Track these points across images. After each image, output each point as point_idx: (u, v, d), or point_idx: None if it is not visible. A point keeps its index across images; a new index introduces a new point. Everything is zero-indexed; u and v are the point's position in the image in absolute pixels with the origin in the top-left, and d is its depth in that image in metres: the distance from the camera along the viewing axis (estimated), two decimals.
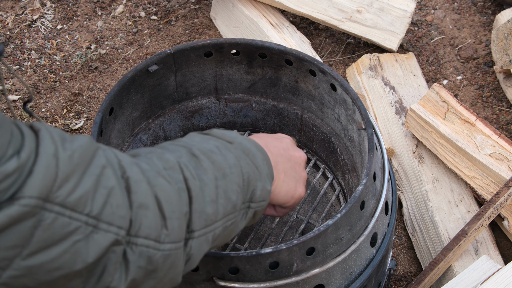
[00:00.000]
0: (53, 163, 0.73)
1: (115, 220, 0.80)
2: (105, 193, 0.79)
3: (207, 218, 0.93)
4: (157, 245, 0.85)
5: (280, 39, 2.21)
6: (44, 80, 2.32)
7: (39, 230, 0.73)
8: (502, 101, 2.22)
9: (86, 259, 0.78)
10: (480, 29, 2.44)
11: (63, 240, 0.75)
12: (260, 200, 1.04)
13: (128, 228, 0.81)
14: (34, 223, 0.72)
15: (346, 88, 1.46)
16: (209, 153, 0.97)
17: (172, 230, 0.87)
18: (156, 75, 1.56)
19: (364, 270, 1.36)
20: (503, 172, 1.75)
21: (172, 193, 0.88)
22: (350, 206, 1.25)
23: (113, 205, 0.79)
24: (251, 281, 1.23)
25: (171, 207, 0.87)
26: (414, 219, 1.90)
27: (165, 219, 0.86)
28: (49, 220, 0.73)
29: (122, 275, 0.83)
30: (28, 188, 0.71)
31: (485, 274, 1.59)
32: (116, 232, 0.80)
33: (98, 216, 0.78)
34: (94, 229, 0.78)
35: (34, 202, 0.72)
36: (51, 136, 0.75)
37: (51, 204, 0.73)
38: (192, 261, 0.94)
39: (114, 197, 0.80)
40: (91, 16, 2.52)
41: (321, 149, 1.70)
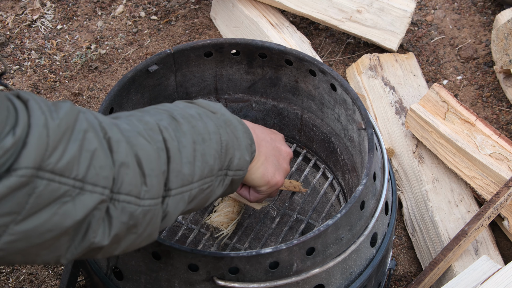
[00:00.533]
0: (44, 133, 0.77)
1: (99, 181, 0.83)
2: (89, 156, 0.83)
3: (184, 178, 0.97)
4: (138, 201, 0.89)
5: (280, 39, 2.21)
6: (44, 80, 2.32)
7: (33, 197, 0.77)
8: (502, 101, 2.22)
9: (74, 218, 0.82)
10: (480, 29, 2.44)
11: (52, 203, 0.79)
12: (238, 169, 1.09)
13: (111, 187, 0.85)
14: (29, 191, 0.76)
15: (346, 88, 1.46)
16: (189, 118, 1.02)
17: (151, 187, 0.91)
18: (156, 75, 1.56)
19: (364, 270, 1.36)
20: (503, 172, 1.75)
21: (152, 152, 0.92)
22: (350, 206, 1.25)
23: (96, 167, 0.83)
24: (251, 281, 1.23)
25: (150, 165, 0.91)
26: (414, 219, 1.90)
27: (145, 176, 0.90)
28: (42, 187, 0.77)
29: (105, 230, 0.87)
30: (23, 159, 0.75)
31: (485, 274, 1.59)
32: (101, 192, 0.84)
33: (83, 179, 0.82)
34: (81, 191, 0.82)
35: (30, 172, 0.75)
36: (39, 107, 0.79)
37: (43, 171, 0.77)
38: (168, 218, 0.97)
39: (97, 159, 0.84)
40: (91, 16, 2.52)
41: (321, 149, 1.70)
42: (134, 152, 0.90)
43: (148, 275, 1.26)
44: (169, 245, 1.20)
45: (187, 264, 1.21)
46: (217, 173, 1.04)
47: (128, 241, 0.93)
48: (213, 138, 1.04)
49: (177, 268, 1.23)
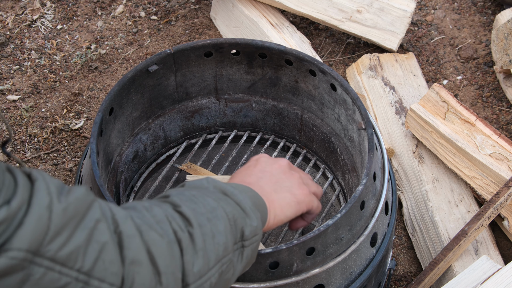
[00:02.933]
0: (45, 216, 0.71)
1: (107, 277, 0.77)
2: (98, 248, 0.76)
3: (200, 269, 0.89)
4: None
5: (280, 39, 2.21)
6: (44, 80, 2.32)
7: (27, 285, 0.70)
8: (502, 101, 2.22)
9: None
10: (480, 29, 2.44)
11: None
12: (253, 236, 1.00)
13: (120, 285, 0.79)
14: (23, 278, 0.70)
15: (346, 88, 1.46)
16: (188, 203, 0.94)
17: (167, 286, 0.84)
18: (156, 75, 1.56)
19: (364, 270, 1.36)
20: (503, 172, 1.75)
21: (165, 247, 0.85)
22: (350, 206, 1.25)
23: (105, 261, 0.77)
24: (251, 281, 1.23)
25: (165, 261, 0.84)
26: (414, 219, 1.90)
27: (160, 274, 0.83)
28: (38, 275, 0.71)
29: None
30: (17, 240, 0.68)
31: (485, 274, 1.59)
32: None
33: (90, 272, 0.75)
34: (85, 285, 0.75)
35: (22, 255, 0.69)
36: (47, 187, 0.73)
37: (41, 258, 0.70)
38: None
39: (107, 252, 0.77)
40: (91, 16, 2.52)
41: (321, 149, 1.70)
42: (146, 248, 0.83)
43: None
44: None
45: None
46: (232, 248, 0.96)
47: None
48: (217, 214, 0.95)
49: None
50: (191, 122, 1.72)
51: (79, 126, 2.19)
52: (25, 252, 0.69)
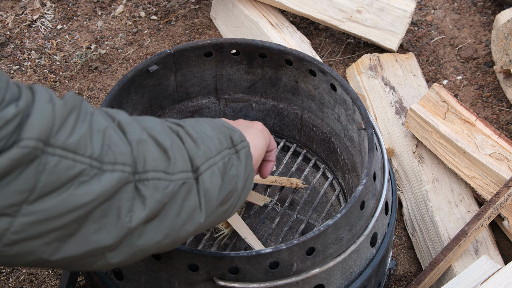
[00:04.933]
0: (49, 108, 0.75)
1: (117, 158, 0.81)
2: (100, 136, 0.80)
3: (204, 152, 0.95)
4: (168, 176, 0.87)
5: (280, 39, 2.21)
6: (44, 80, 2.32)
7: (44, 174, 0.74)
8: (502, 101, 2.22)
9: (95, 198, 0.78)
10: (480, 29, 2.44)
11: (69, 183, 0.76)
12: (241, 141, 1.06)
13: (134, 165, 0.83)
14: (38, 167, 0.73)
15: (346, 88, 1.46)
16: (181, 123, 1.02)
17: (175, 160, 0.89)
18: (156, 75, 1.56)
19: (364, 270, 1.36)
20: (503, 172, 1.75)
21: (164, 130, 0.91)
22: (350, 206, 1.25)
23: (110, 144, 0.81)
24: (251, 281, 1.23)
25: (167, 140, 0.89)
26: (414, 219, 1.90)
27: (166, 151, 0.88)
28: (53, 163, 0.74)
29: (140, 212, 0.84)
30: (26, 131, 0.72)
31: (485, 274, 1.59)
32: (121, 169, 0.81)
33: (100, 158, 0.79)
34: (99, 171, 0.79)
35: (33, 143, 0.72)
36: (44, 88, 0.78)
37: (52, 147, 0.74)
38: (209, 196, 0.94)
39: (109, 137, 0.81)
40: (91, 16, 2.52)
41: (321, 149, 1.70)
42: (147, 132, 0.88)
43: (148, 275, 1.26)
44: None
45: (187, 264, 1.21)
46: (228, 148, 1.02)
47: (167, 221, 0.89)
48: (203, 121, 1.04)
49: (177, 268, 1.23)
50: None
51: None
52: (35, 140, 0.72)
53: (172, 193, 0.87)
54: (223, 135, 1.03)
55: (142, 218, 0.84)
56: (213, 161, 0.96)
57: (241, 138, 1.07)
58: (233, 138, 1.05)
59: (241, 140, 1.07)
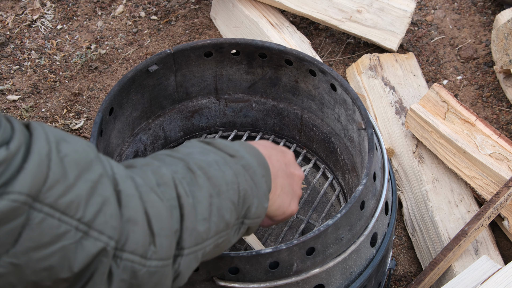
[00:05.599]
0: (45, 163, 0.73)
1: (106, 230, 0.79)
2: (100, 201, 0.78)
3: (198, 236, 0.91)
4: (143, 261, 0.84)
5: (280, 39, 2.21)
6: (44, 80, 2.32)
7: (27, 229, 0.72)
8: (502, 101, 2.22)
9: (73, 264, 0.77)
10: (480, 29, 2.44)
11: (52, 243, 0.75)
12: (255, 217, 1.02)
13: (117, 241, 0.81)
14: (23, 222, 0.72)
15: (346, 88, 1.46)
16: (206, 168, 0.95)
17: (160, 247, 0.86)
18: (156, 75, 1.56)
19: (364, 270, 1.36)
20: (503, 172, 1.75)
21: (163, 210, 0.87)
22: (350, 206, 1.25)
23: (106, 214, 0.79)
24: (251, 281, 1.23)
25: (160, 224, 0.86)
26: (414, 219, 1.90)
27: (154, 236, 0.85)
28: (37, 220, 0.72)
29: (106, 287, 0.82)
30: (18, 184, 0.70)
31: (485, 274, 1.59)
32: (106, 241, 0.79)
33: (90, 223, 0.77)
34: (84, 235, 0.77)
35: (23, 198, 0.71)
36: (46, 137, 0.75)
37: (40, 204, 0.73)
38: (180, 278, 0.93)
39: (109, 206, 0.79)
40: (91, 16, 2.52)
41: (321, 149, 1.70)
42: (144, 209, 0.84)
43: None
44: None
45: None
46: (233, 223, 0.98)
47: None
48: (231, 188, 0.97)
49: None
50: (191, 122, 1.72)
51: (79, 126, 2.19)
52: (25, 196, 0.71)
53: (142, 278, 0.85)
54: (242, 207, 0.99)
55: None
56: (203, 246, 0.93)
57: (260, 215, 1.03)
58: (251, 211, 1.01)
59: (257, 216, 1.02)
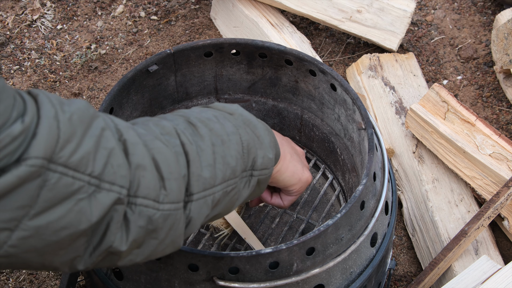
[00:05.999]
0: (54, 125, 0.76)
1: (116, 180, 0.82)
2: (106, 154, 0.81)
3: (205, 181, 0.94)
4: (156, 205, 0.87)
5: (280, 39, 2.21)
6: (44, 80, 2.32)
7: (44, 190, 0.75)
8: (502, 101, 2.22)
9: (90, 218, 0.80)
10: (480, 29, 2.44)
11: (67, 199, 0.77)
12: (262, 168, 1.05)
13: (128, 188, 0.84)
14: (40, 183, 0.74)
15: (346, 88, 1.46)
16: (206, 121, 0.99)
17: (170, 191, 0.88)
18: (156, 75, 1.56)
19: (364, 270, 1.36)
20: (503, 172, 1.75)
21: (170, 155, 0.90)
22: (350, 206, 1.25)
23: (114, 165, 0.81)
24: (251, 281, 1.23)
25: (169, 168, 0.89)
26: (414, 219, 1.90)
27: (163, 180, 0.88)
28: (54, 180, 0.75)
29: (123, 235, 0.85)
30: (33, 149, 0.73)
31: (485, 274, 1.59)
32: (118, 191, 0.82)
33: (100, 176, 0.80)
34: (97, 188, 0.80)
35: (40, 162, 0.73)
36: (49, 100, 0.77)
37: (55, 164, 0.75)
38: (192, 224, 0.95)
39: (115, 157, 0.82)
40: (91, 16, 2.52)
41: (321, 149, 1.70)
42: (151, 155, 0.87)
43: (148, 275, 1.26)
44: None
45: (187, 264, 1.21)
46: (241, 174, 1.01)
47: (150, 247, 0.90)
48: (233, 139, 1.00)
49: (177, 268, 1.23)
50: None
51: None
52: (41, 159, 0.74)
53: (157, 222, 0.88)
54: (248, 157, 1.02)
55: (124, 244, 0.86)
56: (211, 191, 0.96)
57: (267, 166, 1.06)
58: (256, 162, 1.04)
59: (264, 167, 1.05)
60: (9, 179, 0.72)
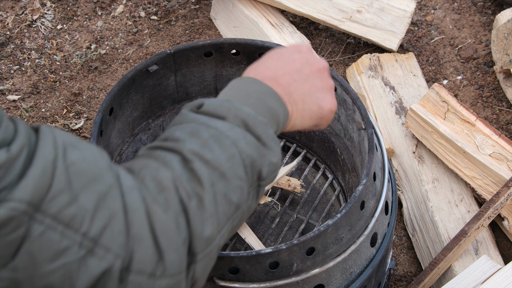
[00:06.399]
0: (49, 170, 0.68)
1: (113, 247, 0.72)
2: (108, 215, 0.72)
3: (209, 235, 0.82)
4: (151, 282, 0.76)
5: (280, 39, 2.21)
6: (44, 80, 2.32)
7: (27, 242, 0.67)
8: (502, 101, 2.22)
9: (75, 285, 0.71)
10: (480, 29, 2.44)
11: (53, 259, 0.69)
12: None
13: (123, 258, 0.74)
14: (23, 234, 0.66)
15: (346, 88, 1.46)
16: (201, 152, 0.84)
17: (170, 264, 0.78)
18: (156, 75, 1.56)
19: (364, 270, 1.36)
20: (503, 172, 1.75)
21: (169, 221, 0.78)
22: (350, 206, 1.25)
23: (114, 230, 0.72)
24: (251, 281, 1.23)
25: (168, 238, 0.78)
26: (414, 219, 1.90)
27: (162, 252, 0.77)
28: (38, 232, 0.67)
29: None
30: (19, 191, 0.65)
31: (485, 274, 1.59)
32: (111, 260, 0.72)
33: (96, 239, 0.71)
34: (89, 253, 0.70)
35: (23, 207, 0.65)
36: (54, 142, 0.70)
37: (42, 215, 0.67)
38: (198, 284, 0.85)
39: (117, 221, 0.72)
40: (91, 16, 2.52)
41: (321, 149, 1.70)
42: (149, 224, 0.76)
43: None
44: None
45: None
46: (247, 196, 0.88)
47: None
48: (234, 164, 0.85)
49: None
50: None
51: (79, 126, 2.19)
52: (26, 204, 0.66)
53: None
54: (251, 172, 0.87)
55: None
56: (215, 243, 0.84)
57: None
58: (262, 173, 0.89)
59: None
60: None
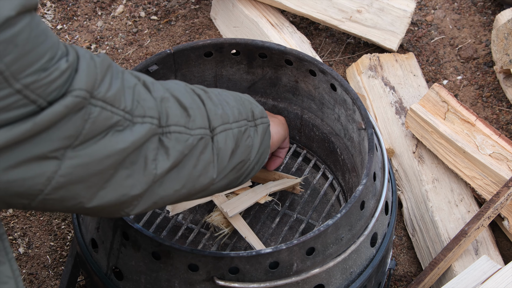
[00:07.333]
0: (92, 64, 0.85)
1: (146, 112, 0.92)
2: (131, 92, 0.91)
3: (222, 116, 1.07)
4: (188, 130, 0.99)
5: (280, 39, 2.21)
6: None
7: (88, 122, 0.84)
8: (502, 101, 2.22)
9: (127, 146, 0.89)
10: (480, 29, 2.44)
11: (106, 131, 0.87)
12: (262, 116, 1.19)
13: (158, 119, 0.94)
14: (84, 116, 0.83)
15: (346, 88, 1.46)
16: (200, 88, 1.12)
17: (195, 117, 1.00)
18: (156, 75, 1.56)
19: (364, 270, 1.36)
20: (503, 172, 1.75)
21: (186, 91, 1.03)
22: (350, 206, 1.25)
23: (139, 100, 0.92)
24: (251, 281, 1.23)
25: (188, 100, 1.01)
26: (414, 219, 1.90)
27: (186, 109, 0.99)
28: (96, 113, 0.84)
29: (165, 162, 0.95)
30: (77, 82, 0.82)
31: (485, 274, 1.59)
32: (150, 122, 0.92)
33: (131, 111, 0.90)
34: (131, 122, 0.89)
35: (83, 93, 0.82)
36: (84, 48, 0.88)
37: (95, 99, 0.84)
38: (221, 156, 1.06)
39: (138, 93, 0.92)
40: (91, 16, 2.52)
41: (321, 149, 1.70)
42: (169, 92, 0.99)
43: (148, 275, 1.27)
44: (169, 245, 1.20)
45: (187, 264, 1.21)
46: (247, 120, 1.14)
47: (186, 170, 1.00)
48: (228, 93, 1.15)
49: (177, 268, 1.23)
50: None
51: None
52: (84, 91, 0.83)
53: (191, 146, 0.99)
54: (244, 108, 1.15)
55: (166, 167, 0.95)
56: (229, 126, 1.08)
57: (262, 115, 1.20)
58: (254, 112, 1.18)
59: (261, 116, 1.20)
60: (58, 108, 0.80)
